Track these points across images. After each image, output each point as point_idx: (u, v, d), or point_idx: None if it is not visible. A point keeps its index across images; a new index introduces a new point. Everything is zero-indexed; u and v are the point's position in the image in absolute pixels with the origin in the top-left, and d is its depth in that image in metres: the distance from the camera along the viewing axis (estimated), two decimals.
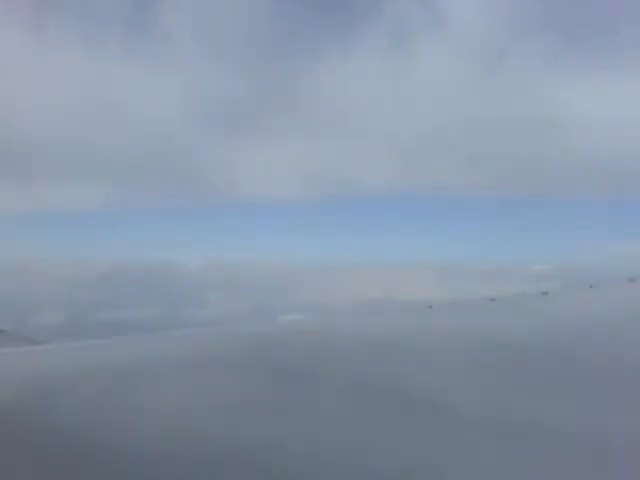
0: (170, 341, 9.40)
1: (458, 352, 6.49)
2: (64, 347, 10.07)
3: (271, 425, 4.27)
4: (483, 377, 5.37)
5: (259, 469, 3.49)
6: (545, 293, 13.44)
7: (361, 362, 6.30)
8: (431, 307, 11.89)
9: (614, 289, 12.68)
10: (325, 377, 5.71)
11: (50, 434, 4.35)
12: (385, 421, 4.24)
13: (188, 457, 3.70)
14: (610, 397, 4.52)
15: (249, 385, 5.51)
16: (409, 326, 9.08)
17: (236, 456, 3.70)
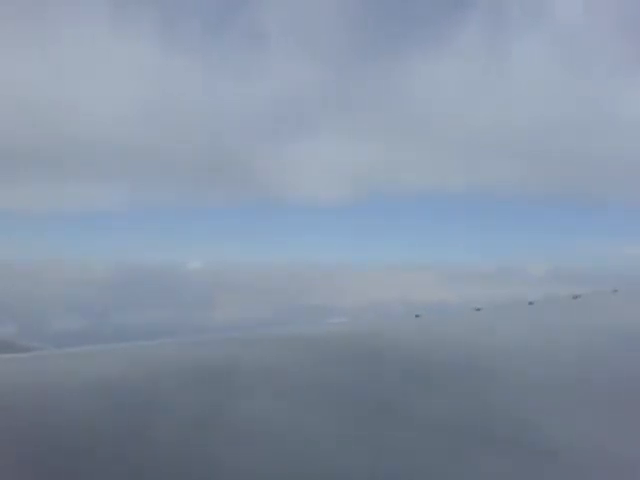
0: (217, 346, 8.52)
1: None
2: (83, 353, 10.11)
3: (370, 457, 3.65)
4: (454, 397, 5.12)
5: None
6: (531, 303, 13.84)
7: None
8: (418, 316, 12.34)
9: (597, 301, 13.06)
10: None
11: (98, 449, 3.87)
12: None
13: None
14: (578, 419, 4.80)
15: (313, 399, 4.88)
16: (393, 336, 9.40)
17: None
